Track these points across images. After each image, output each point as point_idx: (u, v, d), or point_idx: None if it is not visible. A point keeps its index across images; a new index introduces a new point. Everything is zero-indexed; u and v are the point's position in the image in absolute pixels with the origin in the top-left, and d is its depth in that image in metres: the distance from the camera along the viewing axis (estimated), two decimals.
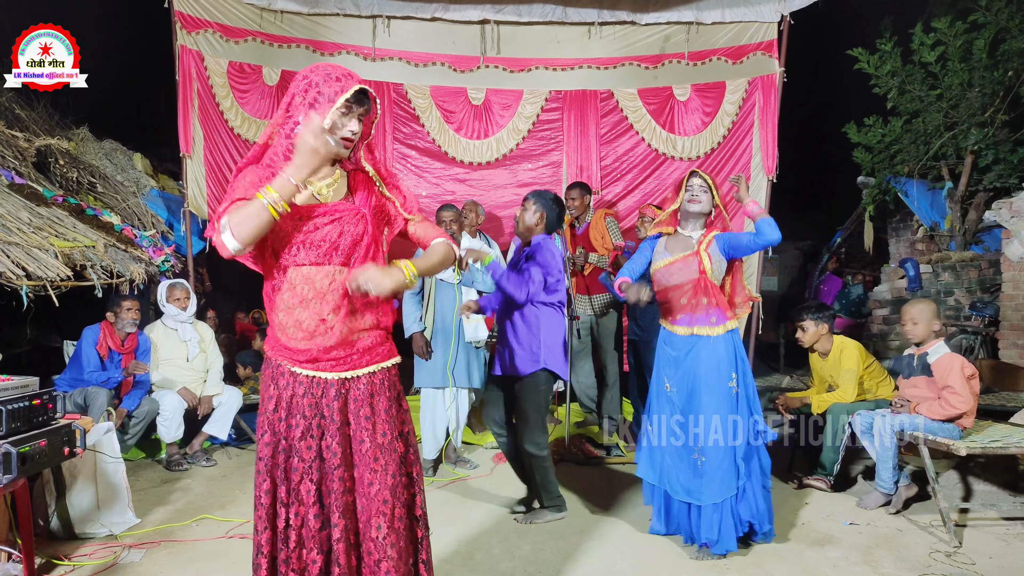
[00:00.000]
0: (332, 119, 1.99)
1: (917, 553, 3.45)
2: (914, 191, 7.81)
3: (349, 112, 2.02)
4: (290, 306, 2.07)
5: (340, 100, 1.98)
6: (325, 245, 2.05)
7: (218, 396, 5.26)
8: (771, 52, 6.52)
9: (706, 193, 3.53)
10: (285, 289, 2.07)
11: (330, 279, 2.07)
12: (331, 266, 2.07)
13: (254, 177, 2.02)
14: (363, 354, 2.12)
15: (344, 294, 2.07)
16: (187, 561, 3.36)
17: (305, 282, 2.06)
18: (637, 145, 6.72)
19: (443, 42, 6.57)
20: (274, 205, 1.87)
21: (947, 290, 6.79)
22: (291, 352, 2.08)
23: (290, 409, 2.06)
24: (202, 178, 6.26)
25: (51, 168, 6.12)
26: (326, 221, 2.05)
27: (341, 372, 2.09)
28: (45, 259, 4.56)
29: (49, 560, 3.30)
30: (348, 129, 2.03)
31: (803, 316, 4.66)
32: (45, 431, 3.04)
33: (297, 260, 2.06)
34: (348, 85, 1.99)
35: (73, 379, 4.80)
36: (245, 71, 6.33)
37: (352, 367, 2.10)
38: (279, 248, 2.06)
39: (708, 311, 3.47)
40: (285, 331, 2.08)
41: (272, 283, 2.12)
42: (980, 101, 7.18)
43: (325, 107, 1.98)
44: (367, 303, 2.11)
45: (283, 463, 2.05)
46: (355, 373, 2.11)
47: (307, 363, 2.07)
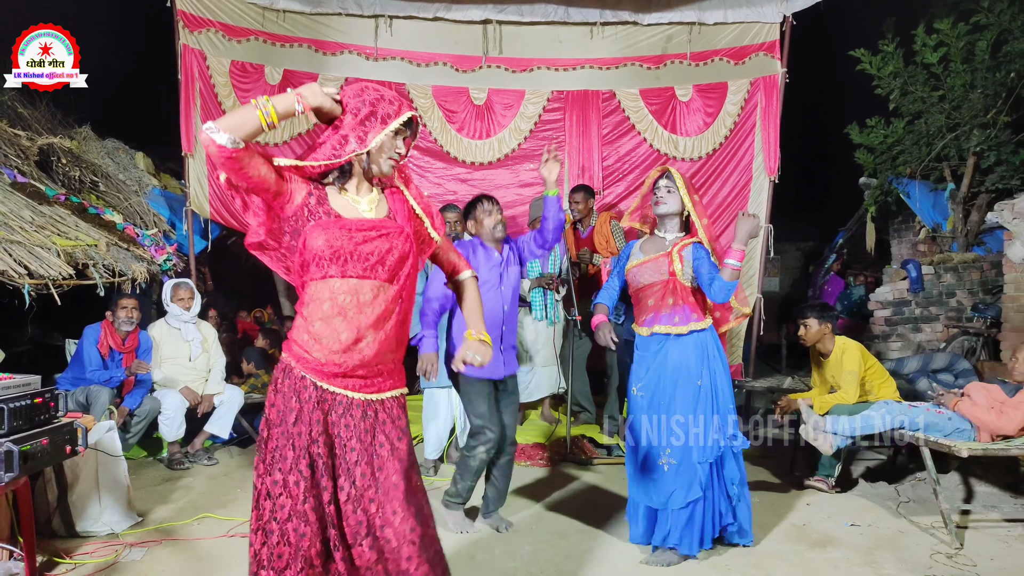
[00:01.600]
0: (381, 139, 2.08)
1: (918, 554, 3.45)
2: (916, 192, 7.80)
3: (398, 134, 2.12)
4: (329, 316, 2.05)
5: (393, 124, 2.08)
6: (372, 259, 2.07)
7: (219, 395, 5.27)
8: (773, 53, 6.51)
9: (671, 194, 3.48)
10: (326, 299, 2.05)
11: (373, 294, 2.07)
12: (375, 281, 2.08)
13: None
14: (386, 378, 2.14)
15: (384, 312, 2.09)
16: (188, 560, 3.36)
17: (348, 293, 2.06)
18: (639, 145, 6.72)
19: (445, 42, 6.57)
20: (263, 108, 1.94)
21: (949, 291, 6.78)
22: (321, 366, 2.05)
23: (311, 424, 2.03)
24: (204, 177, 6.27)
25: (53, 167, 6.13)
26: (374, 235, 2.08)
27: (367, 393, 2.09)
28: (47, 258, 4.57)
29: (51, 558, 3.30)
30: (396, 150, 2.13)
31: (807, 313, 4.65)
32: (47, 429, 3.04)
33: (345, 272, 2.05)
34: (401, 110, 2.10)
35: (75, 378, 4.80)
36: (247, 70, 6.33)
37: (377, 390, 2.11)
38: (325, 258, 2.05)
39: (672, 311, 3.42)
40: (320, 341, 2.05)
41: (310, 294, 2.09)
42: (982, 102, 7.17)
43: (377, 127, 2.07)
44: (399, 324, 2.14)
45: (307, 477, 2.01)
46: (379, 396, 2.12)
47: (336, 378, 2.06)
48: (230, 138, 1.89)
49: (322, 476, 2.02)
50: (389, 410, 2.12)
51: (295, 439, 2.02)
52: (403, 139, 2.14)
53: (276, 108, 1.97)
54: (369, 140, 2.07)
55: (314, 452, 2.02)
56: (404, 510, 2.02)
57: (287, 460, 2.01)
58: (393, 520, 2.01)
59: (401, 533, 2.00)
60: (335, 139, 2.08)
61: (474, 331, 2.28)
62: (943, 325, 6.69)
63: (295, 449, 2.02)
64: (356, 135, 2.06)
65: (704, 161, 6.65)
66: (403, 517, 2.01)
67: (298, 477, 2.00)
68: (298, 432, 2.02)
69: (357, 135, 2.06)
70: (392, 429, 2.11)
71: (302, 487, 1.99)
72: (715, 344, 3.45)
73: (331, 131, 2.10)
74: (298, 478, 2.00)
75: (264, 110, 1.95)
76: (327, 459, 2.03)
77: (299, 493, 1.99)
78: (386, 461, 2.06)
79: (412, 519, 2.03)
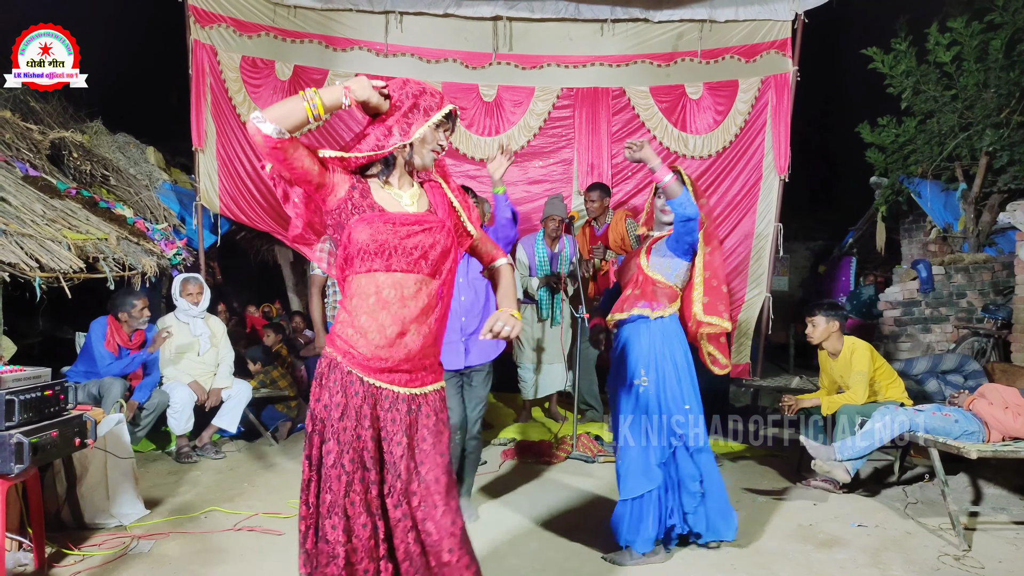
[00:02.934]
0: (424, 132, 2.11)
1: (926, 556, 3.43)
2: (927, 192, 7.74)
3: (440, 127, 2.15)
4: (374, 310, 2.07)
5: (436, 116, 2.11)
6: (416, 254, 2.10)
7: (227, 389, 5.29)
8: (785, 51, 6.47)
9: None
10: (371, 293, 2.08)
11: (417, 288, 2.10)
12: (419, 275, 2.11)
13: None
14: (428, 372, 2.17)
15: (427, 305, 2.11)
16: (195, 552, 3.38)
17: (393, 288, 2.08)
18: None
19: (455, 38, 6.56)
20: (310, 100, 1.96)
21: (960, 292, 6.74)
22: (367, 361, 2.07)
23: (359, 419, 2.06)
24: (214, 172, 6.29)
25: (65, 161, 6.16)
26: (417, 230, 2.10)
27: (412, 388, 2.12)
28: (58, 251, 4.60)
29: (59, 550, 3.33)
30: (437, 143, 2.17)
31: (814, 311, 4.62)
32: (57, 422, 3.06)
33: (389, 266, 2.08)
34: (444, 103, 2.14)
35: (85, 371, 4.83)
36: (258, 66, 6.34)
37: (421, 383, 2.14)
38: (370, 252, 2.07)
39: (632, 301, 3.41)
40: (365, 335, 2.07)
41: (354, 288, 2.12)
42: (995, 102, 7.11)
43: (420, 119, 2.10)
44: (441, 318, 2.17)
45: (349, 474, 2.04)
46: (423, 390, 2.14)
47: (382, 373, 2.08)
48: (276, 128, 1.92)
49: (369, 470, 2.05)
50: (432, 403, 2.16)
51: (340, 434, 2.05)
52: (444, 132, 2.18)
53: (323, 101, 1.99)
54: (412, 132, 2.10)
55: (359, 447, 2.05)
56: (445, 504, 2.06)
57: (331, 455, 2.05)
58: (435, 513, 2.04)
59: (443, 526, 2.04)
60: (379, 131, 2.11)
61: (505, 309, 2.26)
62: (953, 326, 6.65)
63: (340, 444, 2.05)
64: (400, 127, 2.09)
65: (714, 159, 6.62)
66: (444, 511, 2.05)
67: (340, 472, 2.03)
68: (343, 427, 2.05)
69: (401, 127, 2.09)
70: (435, 423, 2.14)
71: (343, 482, 2.03)
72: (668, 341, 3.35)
73: (376, 123, 2.13)
74: (340, 472, 2.03)
75: (311, 103, 1.97)
76: (374, 453, 2.06)
77: (340, 488, 2.03)
78: (428, 455, 2.09)
79: (453, 513, 2.06)
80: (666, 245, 3.41)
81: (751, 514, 4.00)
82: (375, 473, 2.05)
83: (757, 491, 4.43)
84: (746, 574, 3.21)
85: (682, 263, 3.41)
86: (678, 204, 3.22)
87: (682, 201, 3.22)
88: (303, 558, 2.08)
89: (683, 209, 3.22)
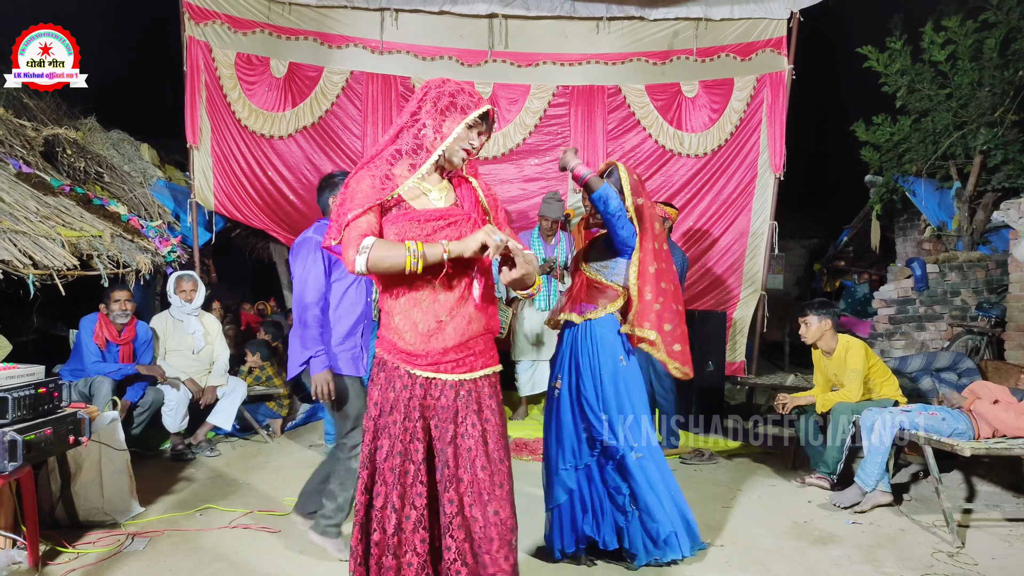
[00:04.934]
0: (459, 131, 2.12)
1: (919, 553, 3.45)
2: (922, 190, 7.77)
3: (474, 127, 2.16)
4: (406, 308, 2.13)
5: (473, 115, 2.13)
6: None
7: (222, 387, 5.27)
8: (780, 49, 6.50)
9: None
10: (402, 292, 2.13)
11: (448, 281, 2.13)
12: (452, 269, 2.12)
13: (371, 182, 2.10)
14: (478, 357, 2.18)
15: (460, 296, 2.13)
16: (190, 550, 3.37)
17: (425, 283, 2.11)
18: (644, 141, 6.70)
19: (451, 36, 6.56)
20: (415, 262, 1.98)
21: (954, 290, 6.76)
22: (409, 355, 2.13)
23: (407, 412, 2.11)
24: (209, 169, 6.27)
25: (58, 158, 6.13)
26: (443, 224, 2.13)
27: (460, 374, 2.14)
28: (52, 248, 4.58)
29: (53, 547, 3.32)
30: (469, 142, 2.18)
31: (806, 312, 4.63)
32: (51, 419, 3.06)
33: None
34: (480, 103, 2.15)
35: (76, 369, 4.81)
36: (253, 63, 6.33)
37: (470, 369, 2.16)
38: None
39: (567, 304, 3.34)
40: (402, 334, 2.13)
41: (387, 287, 2.17)
42: (990, 101, 7.13)
43: (456, 116, 2.11)
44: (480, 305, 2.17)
45: (397, 467, 2.10)
46: (472, 376, 2.16)
47: (428, 366, 2.12)
48: (362, 271, 2.01)
49: (416, 463, 2.10)
50: (481, 389, 2.18)
51: (390, 428, 2.12)
52: (477, 133, 2.19)
53: (427, 261, 2.00)
54: (446, 131, 2.12)
55: (406, 439, 2.10)
56: (490, 492, 2.09)
57: (383, 450, 2.12)
58: (480, 501, 2.09)
59: (488, 515, 2.08)
60: (416, 128, 2.14)
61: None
62: (947, 324, 6.67)
63: (390, 438, 2.11)
64: (434, 126, 2.12)
65: (709, 157, 6.63)
66: (489, 500, 2.09)
67: (391, 465, 2.10)
68: (393, 421, 2.12)
69: (435, 126, 2.12)
70: (483, 409, 2.16)
71: (394, 475, 2.09)
72: (596, 343, 3.17)
73: (410, 120, 2.16)
74: (391, 465, 2.10)
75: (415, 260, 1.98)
76: (425, 444, 2.12)
77: (392, 480, 2.10)
78: (477, 442, 2.12)
79: (497, 501, 2.10)
80: (603, 242, 3.30)
81: (746, 511, 4.01)
82: (424, 465, 2.10)
83: (752, 488, 4.44)
84: (741, 571, 3.22)
85: (621, 261, 3.23)
86: (597, 199, 3.10)
87: (600, 195, 3.08)
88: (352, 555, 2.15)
89: (602, 204, 3.09)
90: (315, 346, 3.08)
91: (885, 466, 4.06)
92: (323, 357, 3.09)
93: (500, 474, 2.12)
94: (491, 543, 2.07)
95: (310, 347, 3.08)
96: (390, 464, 2.10)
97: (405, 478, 2.08)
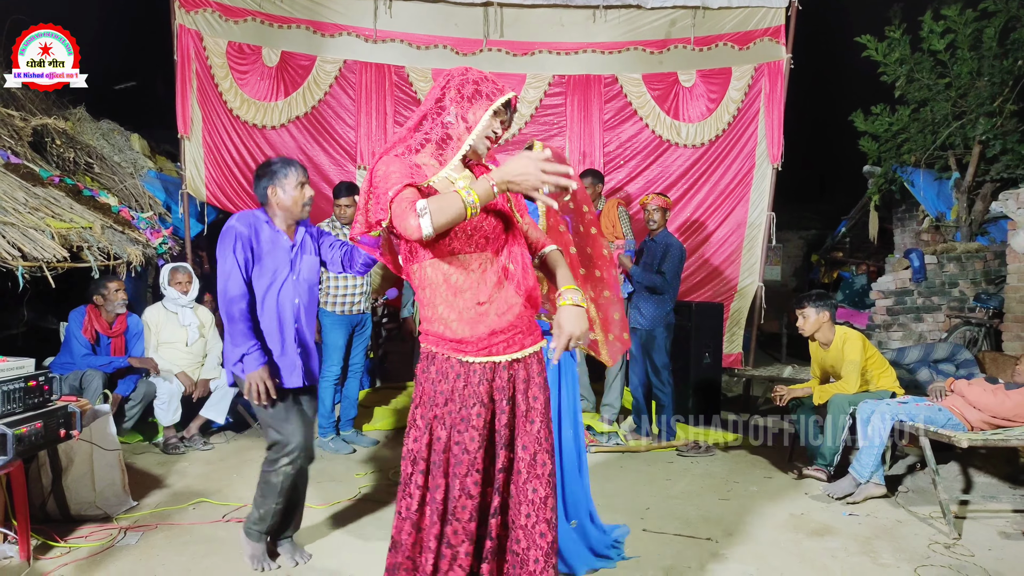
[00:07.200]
0: (487, 119, 2.12)
1: (916, 544, 3.47)
2: (920, 181, 7.78)
3: (497, 115, 2.16)
4: (447, 296, 2.14)
5: (498, 101, 2.12)
6: (476, 235, 2.13)
7: (215, 380, 5.27)
8: (778, 38, 6.49)
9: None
10: (440, 282, 2.14)
11: (482, 267, 2.14)
12: (484, 253, 2.15)
13: (402, 165, 2.09)
14: (526, 335, 2.19)
15: (498, 280, 2.15)
16: (184, 544, 3.37)
17: (460, 271, 2.13)
18: (641, 131, 6.69)
19: (446, 24, 6.53)
20: (472, 206, 1.96)
21: (952, 281, 6.79)
22: (460, 343, 2.13)
23: (463, 401, 2.11)
24: (200, 160, 6.25)
25: (48, 148, 6.09)
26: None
27: (512, 353, 2.16)
28: (41, 240, 4.55)
29: (45, 542, 3.31)
30: (492, 129, 2.18)
31: (803, 303, 4.64)
32: (41, 413, 3.05)
33: (452, 248, 2.12)
34: (504, 90, 2.15)
35: (66, 363, 4.80)
36: (244, 52, 6.30)
37: (520, 347, 2.17)
38: (431, 240, 2.08)
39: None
40: (448, 323, 2.14)
41: (422, 278, 2.18)
42: (989, 90, 7.14)
43: (483, 104, 2.11)
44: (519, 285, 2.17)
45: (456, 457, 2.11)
46: (523, 353, 2.18)
47: (480, 351, 2.13)
48: (429, 233, 1.94)
49: (477, 450, 2.10)
50: (529, 367, 2.20)
51: (446, 418, 2.12)
52: (500, 121, 2.18)
53: (480, 199, 1.97)
54: (472, 120, 2.11)
55: (462, 429, 2.10)
56: (536, 479, 2.12)
57: (440, 441, 2.13)
58: (526, 488, 2.11)
59: (533, 501, 2.10)
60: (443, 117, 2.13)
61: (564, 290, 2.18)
62: (945, 315, 6.70)
63: (447, 428, 2.12)
64: (460, 114, 2.12)
65: (707, 148, 6.63)
66: (535, 486, 2.11)
67: (452, 454, 2.11)
68: (449, 411, 2.12)
69: (461, 114, 2.12)
70: (532, 387, 2.19)
71: (462, 464, 2.09)
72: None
73: (435, 108, 2.15)
74: (448, 457, 2.11)
75: (474, 209, 1.96)
76: (483, 432, 2.11)
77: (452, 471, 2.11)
78: (524, 422, 2.15)
79: (543, 487, 2.12)
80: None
81: (743, 503, 4.03)
82: (481, 453, 2.11)
83: (749, 481, 4.46)
84: (738, 563, 3.24)
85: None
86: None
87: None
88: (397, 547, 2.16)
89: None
90: (246, 342, 2.86)
91: (880, 458, 4.08)
92: (256, 354, 2.87)
93: (542, 453, 2.14)
94: (528, 519, 2.10)
95: (241, 344, 2.86)
96: (447, 455, 2.11)
97: (460, 468, 2.10)
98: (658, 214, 5.19)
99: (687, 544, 3.42)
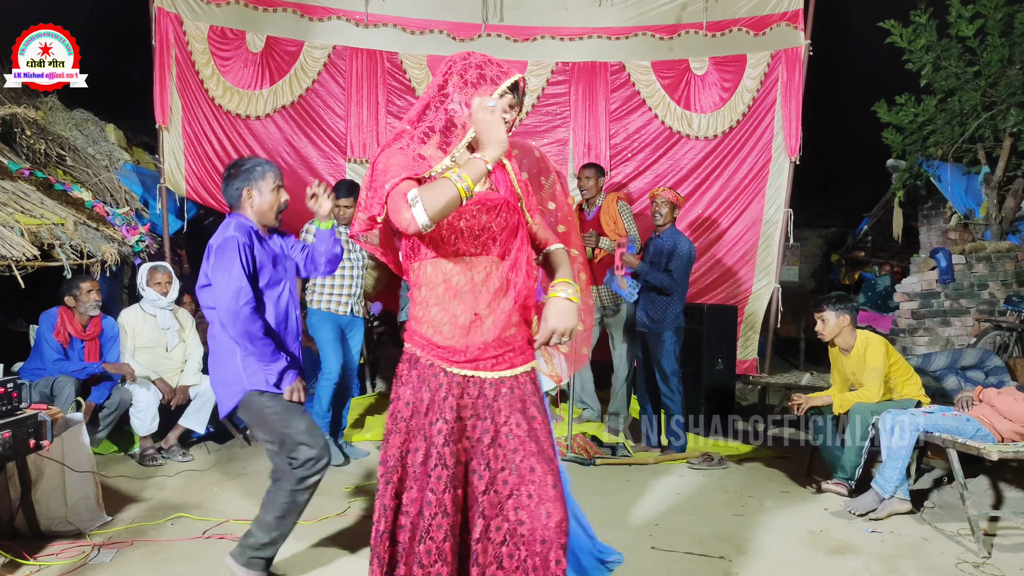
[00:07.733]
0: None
1: (943, 563, 3.47)
2: (947, 176, 7.78)
3: (504, 98, 2.14)
4: (445, 299, 2.12)
5: (504, 84, 2.11)
6: (483, 236, 2.13)
7: (195, 387, 5.26)
8: (796, 23, 6.48)
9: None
10: (439, 282, 2.13)
11: (487, 271, 2.14)
12: (488, 257, 2.14)
13: (403, 158, 2.09)
14: (517, 353, 2.18)
15: (499, 288, 2.14)
16: (161, 562, 3.37)
17: (462, 273, 2.12)
18: (650, 122, 6.70)
19: (442, 8, 6.54)
20: (466, 189, 1.95)
21: (981, 283, 6.79)
22: (447, 351, 2.12)
23: (442, 413, 2.10)
24: (180, 152, 6.25)
25: (17, 139, 6.10)
26: (481, 210, 2.12)
27: (500, 371, 2.14)
28: (10, 237, 4.56)
29: (13, 559, 3.31)
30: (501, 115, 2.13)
31: (822, 306, 4.64)
32: (9, 422, 3.05)
33: (457, 250, 2.12)
34: (510, 72, 2.14)
35: (36, 369, 4.79)
36: (227, 36, 6.30)
37: (510, 365, 2.16)
38: (435, 238, 2.10)
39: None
40: (440, 328, 2.12)
41: (421, 277, 2.17)
42: (1021, 79, 7.14)
43: (488, 88, 2.10)
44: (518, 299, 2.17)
45: (432, 471, 2.09)
46: (512, 372, 2.16)
47: (467, 363, 2.12)
48: (426, 223, 1.94)
49: (450, 468, 2.08)
50: (523, 386, 2.18)
51: (425, 429, 2.10)
52: (508, 105, 2.16)
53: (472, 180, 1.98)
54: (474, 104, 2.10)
55: (440, 443, 2.08)
56: (539, 493, 2.08)
57: (419, 452, 2.10)
58: (529, 504, 2.07)
59: (536, 516, 2.06)
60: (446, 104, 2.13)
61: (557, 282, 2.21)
62: (974, 319, 6.70)
63: (425, 440, 2.10)
64: (464, 100, 2.11)
65: (720, 140, 6.63)
66: (539, 501, 2.07)
67: (426, 469, 2.09)
68: (429, 422, 2.10)
69: (465, 100, 2.11)
70: (528, 407, 2.16)
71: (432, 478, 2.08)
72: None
73: (438, 95, 2.15)
74: (427, 470, 2.09)
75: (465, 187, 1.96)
76: (463, 447, 2.11)
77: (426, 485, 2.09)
78: (522, 442, 2.11)
79: (548, 503, 2.08)
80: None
81: (758, 519, 4.03)
82: (460, 468, 2.10)
83: (764, 495, 4.46)
84: None
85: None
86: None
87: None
88: (375, 562, 2.14)
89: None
90: (278, 357, 2.92)
91: (905, 471, 4.07)
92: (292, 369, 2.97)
93: (553, 474, 2.12)
94: (543, 545, 2.05)
95: (274, 360, 2.90)
96: (425, 469, 2.09)
97: (438, 484, 2.08)
98: (666, 208, 5.19)
99: (698, 563, 3.42)
